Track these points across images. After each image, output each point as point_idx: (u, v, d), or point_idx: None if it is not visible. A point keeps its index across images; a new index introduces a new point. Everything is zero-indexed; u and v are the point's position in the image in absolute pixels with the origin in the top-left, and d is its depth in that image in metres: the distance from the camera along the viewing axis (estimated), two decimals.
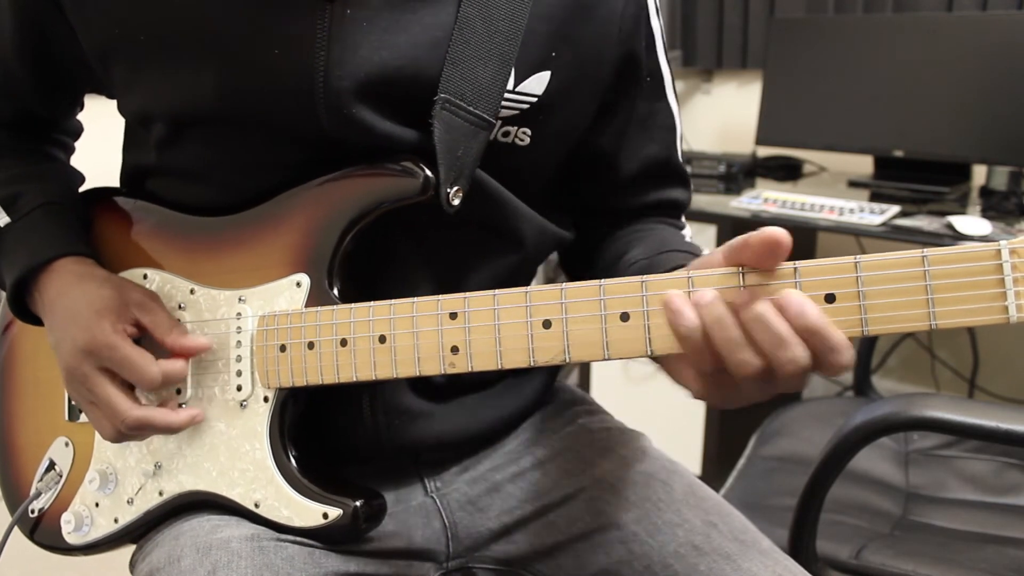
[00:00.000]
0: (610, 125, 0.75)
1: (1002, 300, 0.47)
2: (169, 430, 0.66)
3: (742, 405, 0.54)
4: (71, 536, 0.73)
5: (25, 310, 0.73)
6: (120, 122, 0.75)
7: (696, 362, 0.52)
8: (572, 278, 0.85)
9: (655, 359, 0.57)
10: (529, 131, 0.68)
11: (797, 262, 0.51)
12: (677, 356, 0.54)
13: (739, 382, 0.51)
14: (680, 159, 0.81)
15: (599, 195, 0.79)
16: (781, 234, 0.49)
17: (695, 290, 0.52)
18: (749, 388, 0.52)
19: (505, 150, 0.67)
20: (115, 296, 0.67)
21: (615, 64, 0.71)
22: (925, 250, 0.48)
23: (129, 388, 0.66)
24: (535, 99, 0.66)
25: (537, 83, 0.66)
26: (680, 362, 0.55)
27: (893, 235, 1.60)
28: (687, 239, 0.80)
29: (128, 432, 0.65)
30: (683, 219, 0.84)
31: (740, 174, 2.12)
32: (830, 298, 0.50)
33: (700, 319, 0.50)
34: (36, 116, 0.79)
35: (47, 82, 0.74)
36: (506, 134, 0.67)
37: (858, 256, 0.49)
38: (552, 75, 0.67)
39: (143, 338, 0.68)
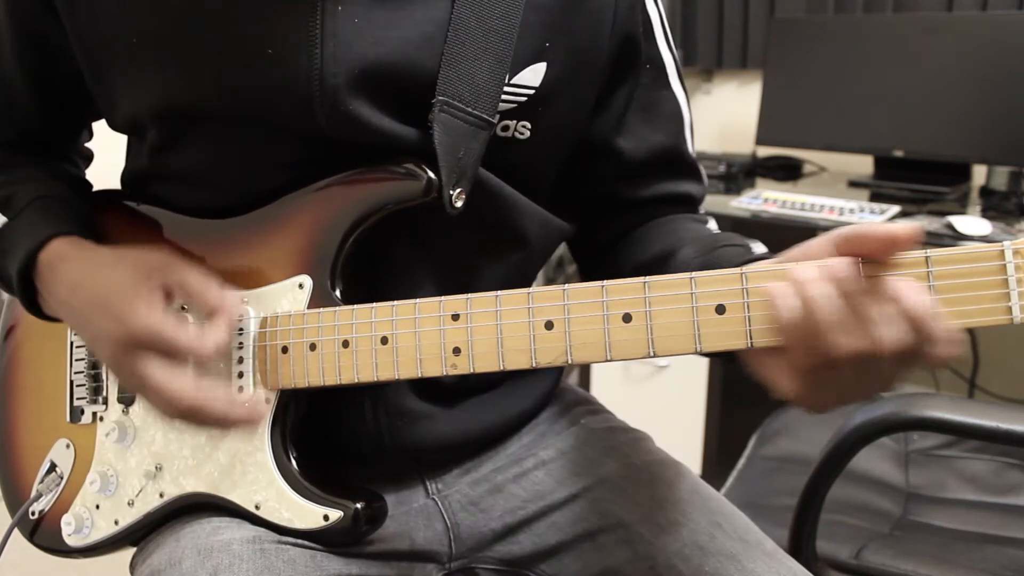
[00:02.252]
0: (610, 112, 0.74)
1: (1006, 301, 0.47)
2: (226, 422, 0.61)
3: (840, 405, 0.51)
4: (71, 538, 0.73)
5: (39, 308, 0.70)
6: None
7: (797, 355, 0.49)
8: (590, 278, 0.83)
9: (743, 360, 0.55)
10: (529, 124, 0.67)
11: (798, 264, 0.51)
12: (774, 355, 0.51)
13: (839, 371, 0.48)
14: (690, 150, 0.78)
15: (607, 186, 0.77)
16: (905, 231, 0.47)
17: (793, 267, 0.50)
18: (849, 381, 0.49)
19: (505, 145, 0.67)
20: (134, 272, 0.63)
21: (612, 51, 0.71)
22: (928, 251, 0.48)
23: (178, 365, 0.61)
24: (532, 91, 0.66)
25: (533, 75, 0.66)
26: (777, 360, 0.52)
27: None
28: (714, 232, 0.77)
29: (184, 416, 0.61)
30: (702, 212, 0.82)
31: (740, 174, 2.12)
32: None
33: (802, 300, 0.48)
34: (41, 139, 0.78)
35: (50, 103, 0.73)
36: (505, 128, 0.67)
37: (861, 258, 0.49)
38: (548, 66, 0.66)
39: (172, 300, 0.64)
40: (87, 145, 0.85)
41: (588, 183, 0.78)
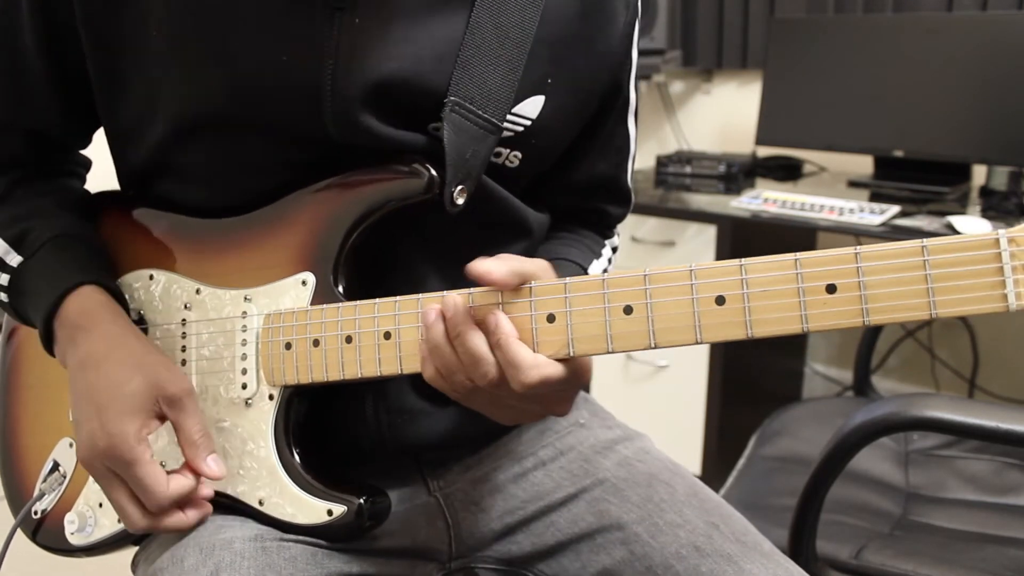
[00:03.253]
0: (578, 140, 0.76)
1: (1001, 288, 0.47)
2: (181, 529, 0.64)
3: (520, 422, 0.62)
4: (74, 537, 0.73)
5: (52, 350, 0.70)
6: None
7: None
8: None
9: None
10: (520, 155, 0.69)
11: (798, 254, 0.51)
12: None
13: (474, 396, 0.59)
14: (628, 179, 0.82)
15: (547, 191, 0.78)
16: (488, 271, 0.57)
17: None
18: (493, 404, 0.60)
19: (495, 171, 0.68)
20: (144, 392, 0.62)
21: (602, 93, 0.73)
22: (925, 240, 0.49)
23: None
24: (528, 123, 0.67)
25: (532, 107, 0.67)
26: None
27: (893, 235, 1.60)
28: (609, 249, 0.85)
29: (140, 532, 0.64)
30: (615, 230, 0.88)
31: (740, 174, 2.13)
32: (831, 288, 0.50)
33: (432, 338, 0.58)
34: (50, 140, 0.76)
35: (67, 97, 0.71)
36: (498, 155, 0.68)
37: (858, 247, 0.49)
38: (546, 100, 0.67)
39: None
40: (84, 152, 0.83)
41: (538, 183, 0.78)
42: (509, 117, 0.66)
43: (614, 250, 0.87)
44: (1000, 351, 2.13)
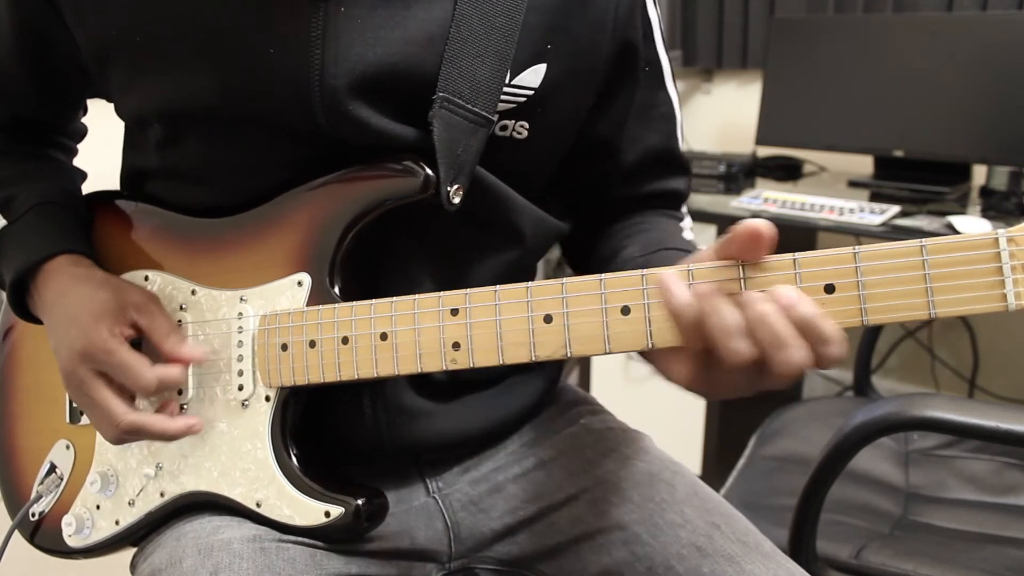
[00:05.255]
0: (608, 115, 0.75)
1: (1000, 288, 0.47)
2: (165, 437, 0.66)
3: (731, 396, 0.55)
4: (72, 539, 0.73)
5: (26, 310, 0.73)
6: (121, 124, 0.75)
7: (688, 340, 0.52)
8: (576, 271, 0.85)
9: (647, 358, 0.58)
10: (527, 124, 0.68)
11: (796, 254, 0.51)
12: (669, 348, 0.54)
13: (729, 369, 0.51)
14: (680, 148, 0.80)
15: (600, 185, 0.79)
16: (762, 225, 0.49)
17: (695, 283, 0.52)
18: (739, 377, 0.52)
19: (503, 144, 0.67)
20: (113, 299, 0.67)
21: (612, 55, 0.71)
22: (924, 240, 0.49)
23: (126, 392, 0.66)
24: (532, 92, 0.66)
25: (533, 76, 0.66)
26: (672, 351, 0.55)
27: (893, 235, 1.60)
28: (687, 230, 0.80)
29: (124, 436, 0.65)
30: (684, 209, 0.84)
31: (740, 174, 2.12)
32: (830, 288, 0.50)
33: (696, 301, 0.51)
34: (36, 120, 0.79)
35: (47, 87, 0.74)
36: (504, 128, 0.67)
37: (857, 247, 0.49)
38: (548, 67, 0.66)
39: (143, 341, 0.68)
40: (82, 121, 0.86)
41: (584, 181, 0.79)
42: (508, 89, 0.65)
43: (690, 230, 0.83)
44: (1000, 351, 2.13)
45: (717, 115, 2.46)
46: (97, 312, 0.66)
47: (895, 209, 1.69)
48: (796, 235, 2.14)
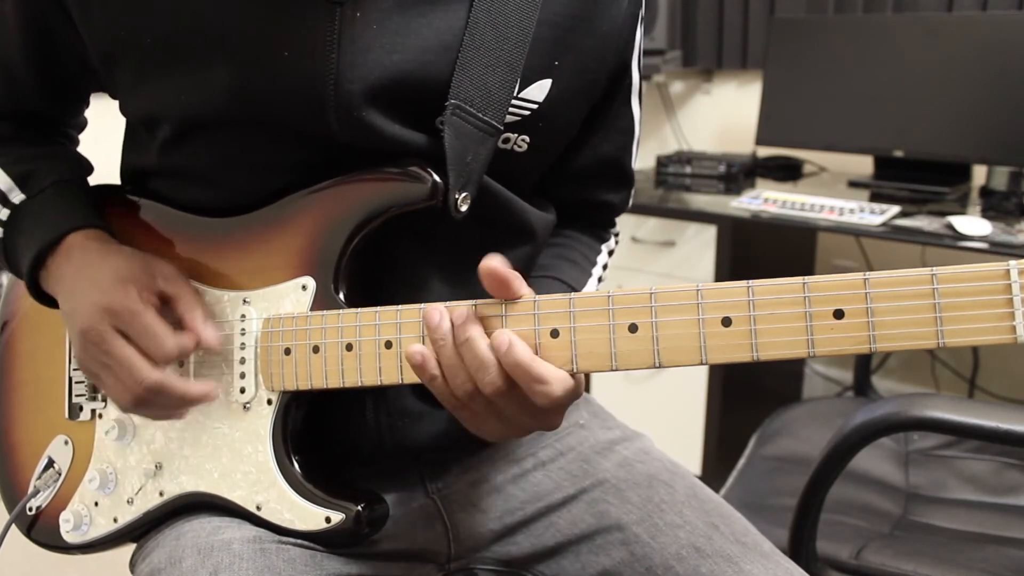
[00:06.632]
0: (584, 122, 0.75)
1: (1010, 320, 0.47)
2: (184, 401, 0.64)
3: (503, 437, 0.60)
4: (69, 535, 0.73)
5: (38, 287, 0.71)
6: (121, 121, 0.75)
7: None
8: None
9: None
10: (528, 138, 0.68)
11: (806, 277, 0.51)
12: None
13: (473, 407, 0.57)
14: (631, 163, 0.81)
15: (546, 179, 0.78)
16: (496, 264, 0.56)
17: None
18: (492, 416, 0.58)
19: (503, 156, 0.67)
20: (142, 267, 0.66)
21: (610, 74, 0.72)
22: (935, 268, 0.48)
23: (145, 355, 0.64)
24: (536, 106, 0.67)
25: (538, 91, 0.66)
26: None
27: (893, 235, 1.60)
28: (603, 253, 0.84)
29: (145, 395, 0.63)
30: (614, 228, 0.88)
31: (740, 174, 2.13)
32: (839, 314, 0.50)
33: (431, 346, 0.57)
34: (42, 113, 0.78)
35: (53, 85, 0.74)
36: (506, 140, 0.67)
37: (867, 273, 0.49)
38: (553, 83, 0.67)
39: (163, 312, 0.66)
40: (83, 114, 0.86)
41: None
42: (514, 102, 0.65)
43: (610, 253, 0.87)
44: (1000, 351, 2.13)
45: (717, 115, 2.46)
46: (124, 276, 0.65)
47: (895, 209, 1.69)
48: (796, 235, 2.14)
